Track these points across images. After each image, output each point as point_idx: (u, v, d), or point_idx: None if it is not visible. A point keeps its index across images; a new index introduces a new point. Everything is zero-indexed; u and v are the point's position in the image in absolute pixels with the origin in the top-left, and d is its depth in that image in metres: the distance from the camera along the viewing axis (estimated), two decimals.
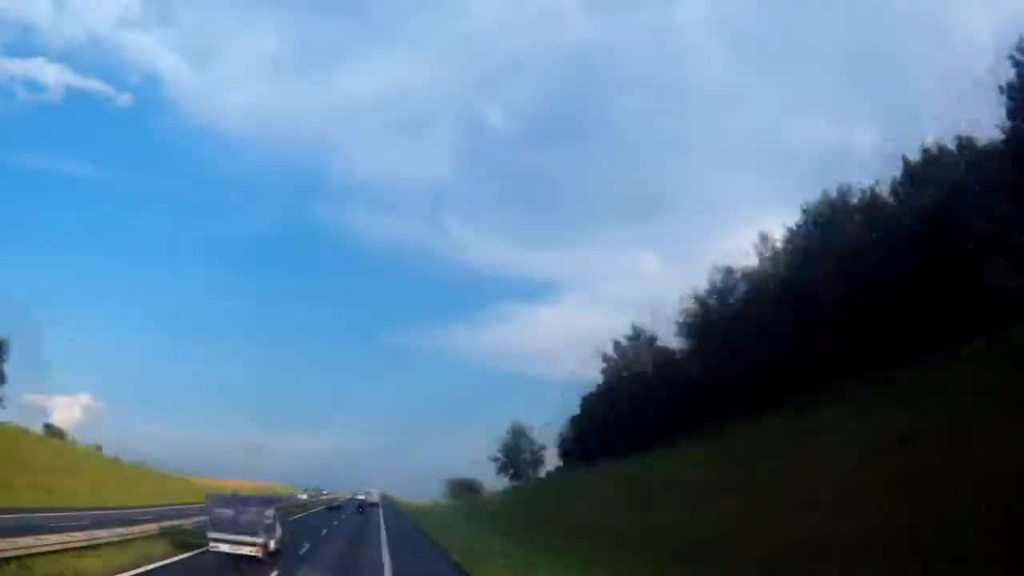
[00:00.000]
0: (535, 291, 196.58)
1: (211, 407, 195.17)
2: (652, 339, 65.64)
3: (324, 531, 41.86)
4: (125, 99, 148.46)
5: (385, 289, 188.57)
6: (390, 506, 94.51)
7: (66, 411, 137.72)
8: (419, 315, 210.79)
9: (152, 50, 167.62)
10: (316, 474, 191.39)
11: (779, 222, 47.47)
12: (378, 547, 34.16)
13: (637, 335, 68.18)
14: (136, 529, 25.66)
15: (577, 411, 78.50)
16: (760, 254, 48.81)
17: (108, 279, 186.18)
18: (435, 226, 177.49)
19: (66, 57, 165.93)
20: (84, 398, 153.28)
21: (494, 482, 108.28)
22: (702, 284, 53.65)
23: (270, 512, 24.30)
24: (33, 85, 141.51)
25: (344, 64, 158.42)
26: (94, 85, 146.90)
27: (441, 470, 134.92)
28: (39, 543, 18.14)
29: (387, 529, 47.97)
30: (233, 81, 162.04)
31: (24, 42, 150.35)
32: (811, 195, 43.41)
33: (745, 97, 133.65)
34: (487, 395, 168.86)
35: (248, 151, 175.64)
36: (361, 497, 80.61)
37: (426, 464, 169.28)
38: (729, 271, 51.72)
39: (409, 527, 56.16)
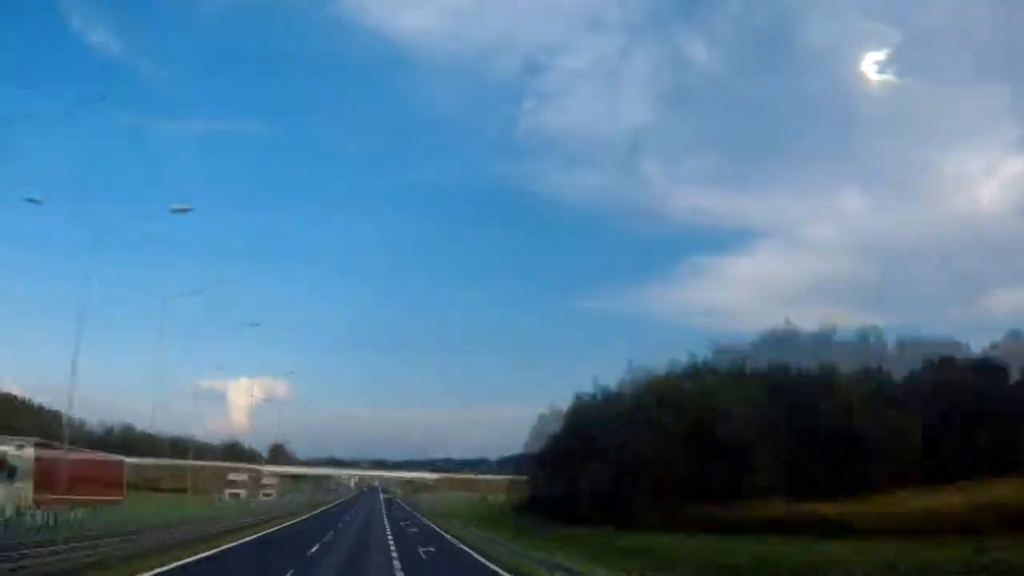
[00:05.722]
0: (735, 239, 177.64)
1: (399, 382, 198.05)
2: None
3: None
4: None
5: (578, 247, 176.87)
6: None
7: (242, 392, 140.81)
8: (613, 275, 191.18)
9: None
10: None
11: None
12: None
13: None
14: None
15: None
16: None
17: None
18: (632, 176, 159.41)
19: None
20: (264, 379, 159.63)
21: None
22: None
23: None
24: None
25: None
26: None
27: None
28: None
29: None
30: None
31: None
32: None
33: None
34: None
35: (431, 95, 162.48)
36: None
37: None
38: None
39: None
